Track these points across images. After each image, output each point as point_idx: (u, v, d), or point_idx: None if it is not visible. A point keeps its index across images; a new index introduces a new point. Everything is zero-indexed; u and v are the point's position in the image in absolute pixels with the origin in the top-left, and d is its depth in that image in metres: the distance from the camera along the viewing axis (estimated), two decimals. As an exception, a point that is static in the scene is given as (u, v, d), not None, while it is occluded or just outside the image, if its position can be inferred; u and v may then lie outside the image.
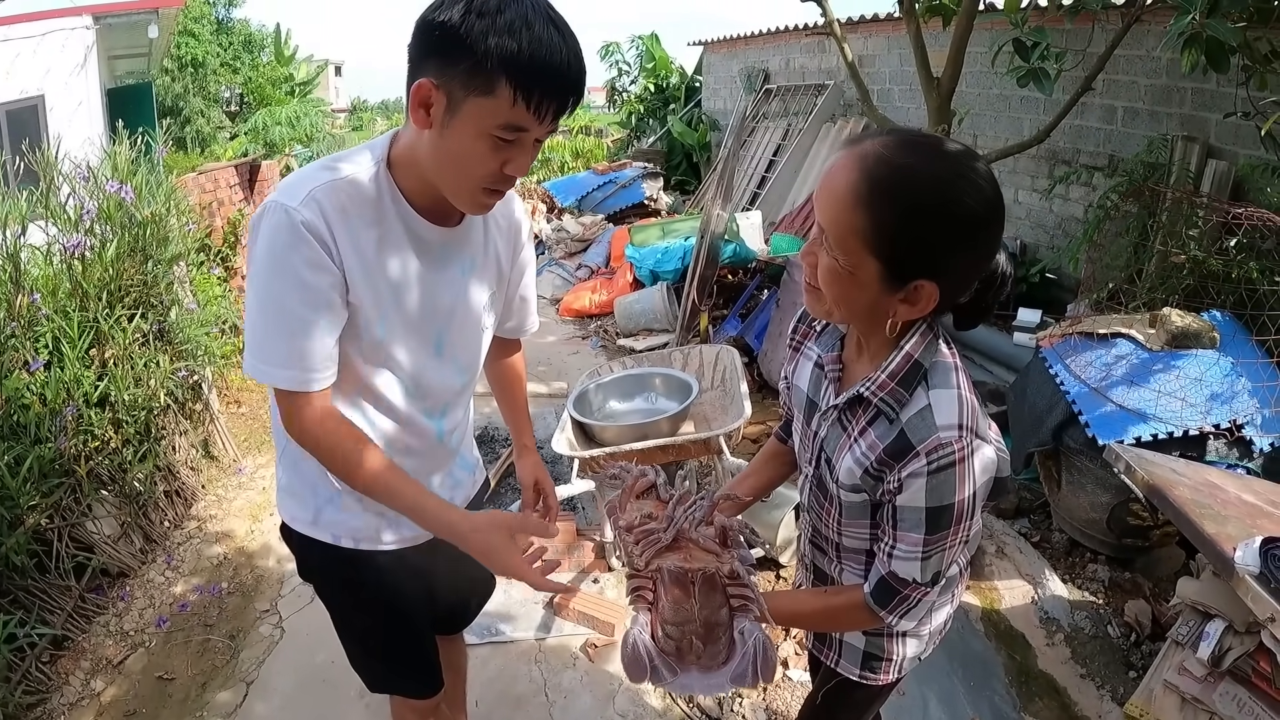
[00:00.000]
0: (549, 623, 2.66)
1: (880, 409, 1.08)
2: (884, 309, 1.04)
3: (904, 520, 1.07)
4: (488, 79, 1.01)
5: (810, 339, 1.30)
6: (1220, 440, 2.62)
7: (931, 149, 0.99)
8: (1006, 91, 5.34)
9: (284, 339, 1.13)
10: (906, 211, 0.95)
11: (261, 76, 13.18)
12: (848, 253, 0.99)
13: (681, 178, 10.59)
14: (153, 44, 7.23)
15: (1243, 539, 1.90)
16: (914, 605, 1.13)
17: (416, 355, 1.28)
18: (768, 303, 5.14)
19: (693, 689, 1.06)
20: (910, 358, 1.06)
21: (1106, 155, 4.58)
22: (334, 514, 1.38)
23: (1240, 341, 2.79)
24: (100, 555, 2.66)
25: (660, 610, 1.05)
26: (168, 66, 11.40)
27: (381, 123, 26.85)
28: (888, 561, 1.12)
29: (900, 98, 6.69)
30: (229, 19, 13.86)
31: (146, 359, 2.96)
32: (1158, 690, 2.16)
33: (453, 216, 1.27)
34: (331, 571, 1.46)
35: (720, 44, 10.69)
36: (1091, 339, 3.04)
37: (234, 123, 12.65)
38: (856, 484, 1.12)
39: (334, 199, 1.14)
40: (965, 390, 1.07)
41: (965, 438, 1.02)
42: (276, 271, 1.12)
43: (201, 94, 11.91)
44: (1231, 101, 2.96)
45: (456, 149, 1.08)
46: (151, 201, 3.08)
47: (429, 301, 1.26)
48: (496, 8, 1.00)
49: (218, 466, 3.63)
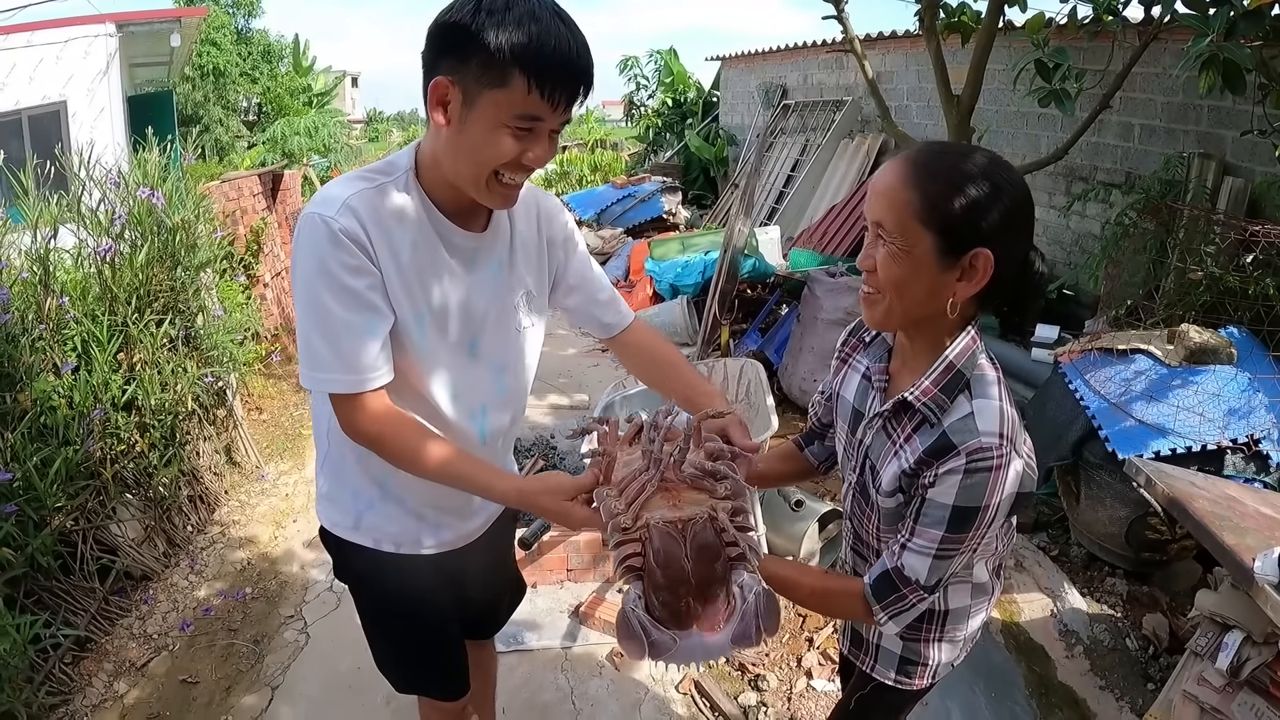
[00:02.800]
0: (575, 631, 2.68)
1: (924, 414, 1.12)
2: (943, 290, 1.09)
3: (928, 515, 1.10)
4: (501, 71, 1.05)
5: (858, 351, 1.35)
6: (1238, 455, 2.63)
7: (966, 148, 1.12)
8: (1024, 109, 5.37)
9: (331, 344, 1.17)
10: (952, 182, 1.04)
11: (280, 87, 13.32)
12: (905, 232, 1.06)
13: (699, 192, 10.65)
14: (174, 53, 7.33)
15: (1262, 550, 1.91)
16: (906, 609, 1.17)
17: (452, 357, 1.31)
18: (788, 317, 5.16)
19: (695, 656, 1.01)
20: (953, 367, 1.12)
21: (1124, 172, 4.60)
22: (375, 519, 1.40)
23: (1257, 357, 2.80)
24: (124, 558, 2.70)
25: (652, 576, 0.99)
26: (188, 75, 11.55)
27: (397, 134, 27.06)
28: (899, 553, 1.15)
29: (918, 114, 6.74)
30: (249, 29, 14.03)
31: (174, 365, 3.01)
32: (1177, 700, 2.16)
33: (480, 220, 1.31)
34: (369, 575, 1.48)
35: (738, 59, 10.77)
36: (1111, 355, 3.05)
37: (252, 132, 12.79)
38: (896, 487, 1.16)
39: (368, 207, 1.18)
40: (1006, 403, 1.11)
41: (1004, 446, 1.07)
42: (318, 280, 1.15)
43: (221, 103, 12.05)
44: (1247, 119, 2.99)
45: (475, 142, 1.12)
46: (181, 208, 3.13)
47: (462, 304, 1.29)
48: (505, 5, 1.05)
49: (240, 472, 3.67)
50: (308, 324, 1.18)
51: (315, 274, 1.15)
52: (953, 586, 1.31)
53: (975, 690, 2.44)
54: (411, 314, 1.24)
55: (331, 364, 1.17)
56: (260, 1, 13.86)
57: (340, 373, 1.18)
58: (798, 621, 2.83)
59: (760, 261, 5.41)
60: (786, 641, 2.73)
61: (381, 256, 1.19)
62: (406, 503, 1.40)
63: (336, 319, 1.16)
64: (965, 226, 1.05)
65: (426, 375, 1.29)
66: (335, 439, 1.39)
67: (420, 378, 1.29)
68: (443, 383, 1.31)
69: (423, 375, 1.29)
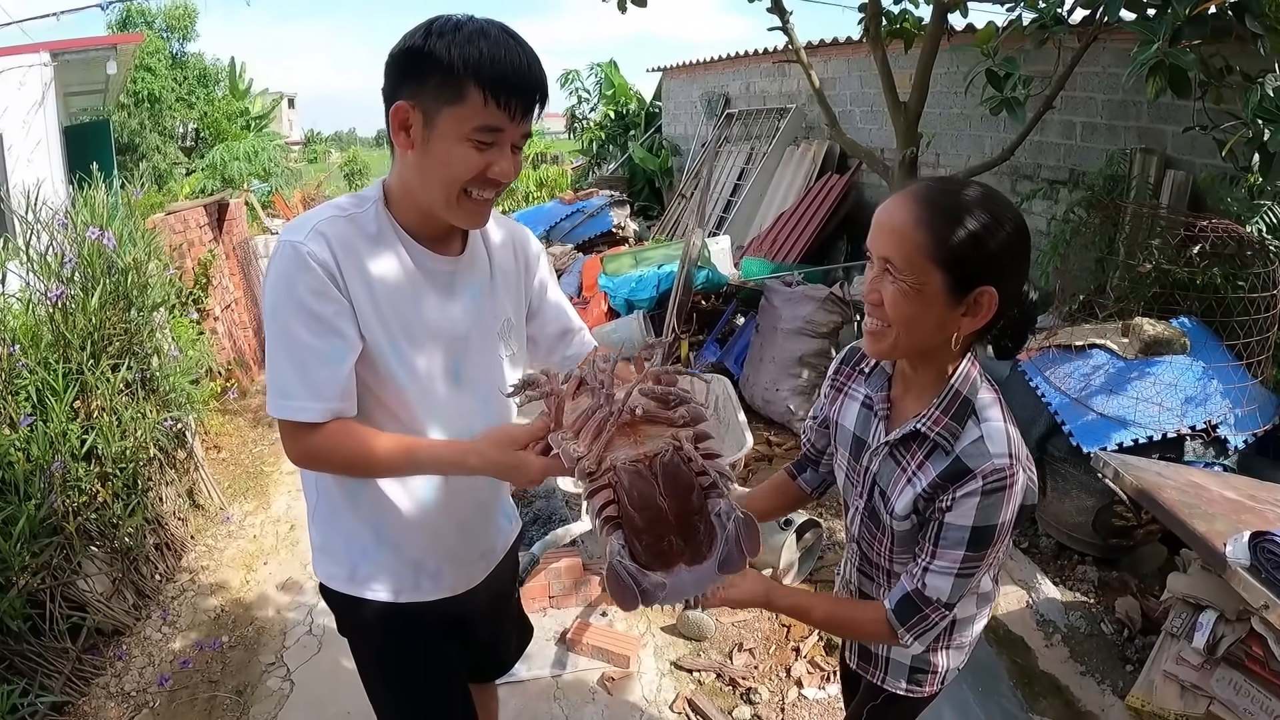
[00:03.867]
0: (563, 659, 2.66)
1: (937, 442, 1.16)
2: (949, 325, 1.12)
3: (947, 537, 1.15)
4: (457, 86, 1.09)
5: (853, 380, 1.38)
6: (1197, 441, 2.75)
7: (965, 183, 1.14)
8: (967, 111, 5.51)
9: (299, 371, 1.16)
10: (962, 222, 1.07)
11: (217, 111, 12.99)
12: (915, 270, 1.08)
13: (644, 203, 10.68)
14: (110, 80, 7.10)
15: (1231, 535, 2.00)
16: (931, 627, 1.20)
17: (435, 384, 1.29)
18: (745, 328, 5.20)
19: (685, 592, 0.98)
20: (959, 394, 1.16)
21: (1068, 169, 4.77)
22: (371, 568, 1.37)
23: (1211, 346, 2.93)
24: (94, 614, 2.59)
25: (630, 522, 0.96)
26: (123, 102, 11.21)
27: (336, 154, 26.61)
28: (920, 576, 1.19)
29: (861, 119, 6.86)
30: (183, 53, 13.66)
31: (133, 410, 2.90)
32: (1158, 680, 2.25)
33: (455, 244, 1.31)
34: (370, 627, 1.43)
35: (679, 69, 10.83)
36: (1069, 351, 3.15)
37: (189, 158, 12.45)
38: (910, 511, 1.20)
39: (338, 234, 1.18)
40: (1010, 424, 1.17)
41: (1014, 466, 1.12)
42: (285, 304, 1.15)
43: (157, 130, 11.70)
44: (1186, 113, 3.13)
45: (439, 159, 1.14)
46: (131, 247, 3.03)
47: (442, 330, 1.28)
48: (454, 25, 1.11)
49: (204, 515, 3.56)
50: (276, 351, 1.17)
51: (284, 299, 1.15)
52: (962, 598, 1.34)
53: (963, 687, 2.49)
54: (387, 342, 1.22)
55: (298, 391, 1.16)
56: (195, 24, 13.54)
57: (307, 400, 1.16)
58: (783, 632, 2.86)
59: (713, 272, 5.45)
60: (774, 652, 2.75)
61: (352, 283, 1.18)
62: (402, 549, 1.37)
63: (304, 345, 1.15)
64: (973, 266, 1.08)
65: (412, 404, 1.27)
66: (324, 488, 1.36)
67: (406, 407, 1.27)
68: (429, 412, 1.29)
69: (408, 404, 1.27)
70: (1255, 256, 2.92)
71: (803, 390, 4.51)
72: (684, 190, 9.10)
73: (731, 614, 2.92)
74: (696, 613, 2.81)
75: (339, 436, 1.19)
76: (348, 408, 1.20)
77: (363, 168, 20.14)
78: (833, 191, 6.67)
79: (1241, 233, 2.89)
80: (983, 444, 1.12)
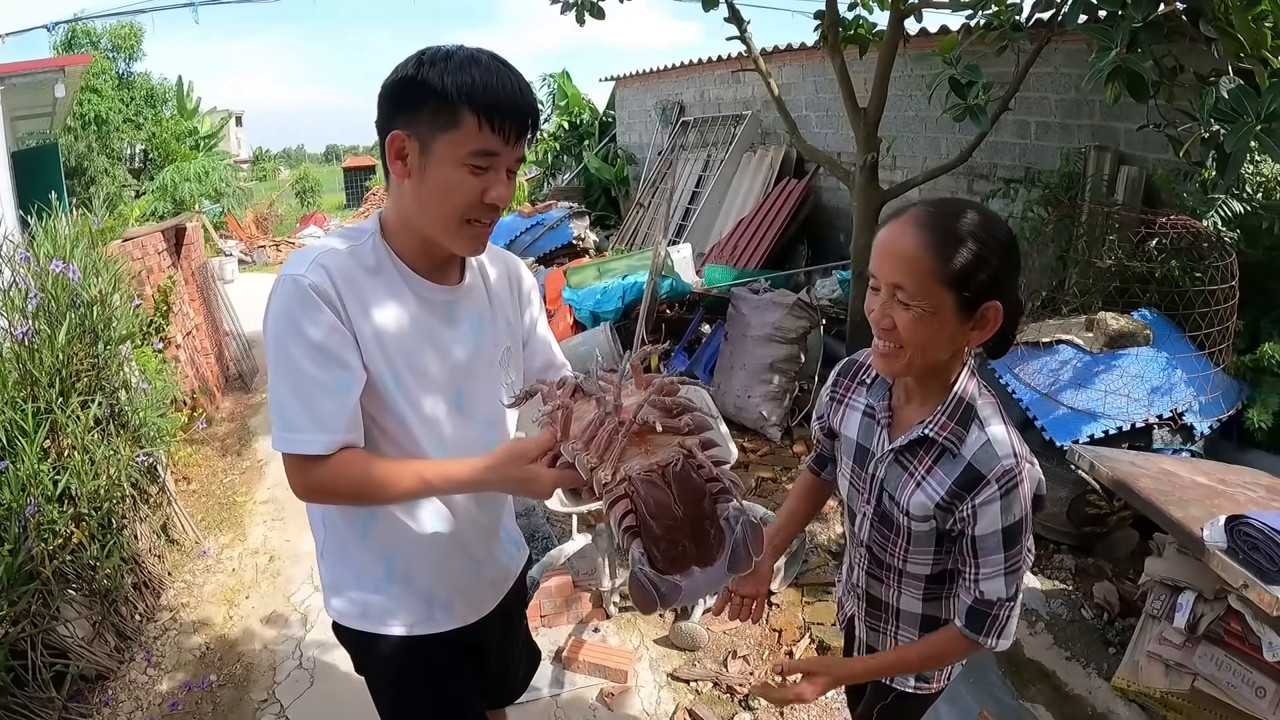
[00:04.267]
0: (561, 677, 2.65)
1: (945, 446, 1.22)
2: (959, 341, 1.20)
3: (984, 548, 1.21)
4: (452, 113, 1.11)
5: (852, 391, 1.44)
6: (1164, 429, 2.85)
7: (960, 203, 1.21)
8: (922, 114, 5.63)
9: (304, 404, 1.15)
10: (968, 247, 1.14)
11: (166, 131, 12.64)
12: (928, 295, 1.14)
13: (601, 213, 10.68)
14: (58, 103, 6.89)
15: (1206, 519, 2.09)
16: (1005, 622, 1.25)
17: (439, 414, 1.29)
18: (713, 336, 5.22)
19: (699, 593, 1.04)
20: (963, 401, 1.24)
21: (1023, 168, 4.90)
22: (384, 602, 1.36)
23: (1173, 337, 3.04)
24: (76, 660, 2.51)
25: (648, 529, 1.01)
26: (70, 125, 10.87)
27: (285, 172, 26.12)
28: (974, 588, 1.24)
29: (817, 124, 6.96)
30: (130, 73, 13.28)
31: (105, 448, 2.82)
32: (1142, 661, 2.33)
33: (453, 274, 1.32)
34: (386, 663, 1.42)
35: (633, 79, 10.86)
36: (1036, 348, 3.25)
37: (139, 180, 12.11)
38: (929, 515, 1.25)
39: (339, 265, 1.19)
40: (1009, 425, 1.24)
41: (1021, 462, 1.20)
42: (288, 337, 1.15)
43: (105, 152, 11.34)
44: (1138, 111, 3.25)
45: (436, 186, 1.15)
46: (96, 280, 2.95)
47: (445, 359, 1.29)
48: (445, 54, 1.13)
49: (180, 551, 3.47)
50: (280, 384, 1.17)
51: (287, 332, 1.15)
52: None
53: (956, 679, 2.55)
54: (390, 373, 1.22)
55: (304, 424, 1.15)
56: (141, 44, 13.18)
57: (314, 433, 1.15)
58: (774, 637, 2.89)
59: (676, 280, 5.47)
60: (767, 657, 2.78)
61: (354, 314, 1.19)
62: (414, 582, 1.36)
63: (308, 377, 1.15)
64: (980, 284, 1.15)
65: (417, 434, 1.27)
66: (332, 524, 1.35)
67: (410, 437, 1.27)
68: (433, 442, 1.29)
69: (412, 434, 1.27)
70: (1212, 249, 3.04)
71: (774, 396, 4.55)
72: (642, 199, 9.12)
73: (722, 622, 2.94)
74: (689, 623, 2.83)
75: (347, 467, 1.19)
76: (355, 439, 1.20)
77: (314, 185, 19.81)
78: (791, 196, 6.75)
79: (1198, 227, 3.01)
80: (990, 447, 1.19)
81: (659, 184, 8.95)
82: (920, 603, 1.39)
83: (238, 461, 4.64)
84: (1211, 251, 3.02)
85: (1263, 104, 1.97)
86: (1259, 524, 1.86)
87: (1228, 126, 2.07)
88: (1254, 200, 3.07)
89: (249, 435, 5.03)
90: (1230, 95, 2.08)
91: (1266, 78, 2.12)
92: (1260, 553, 1.85)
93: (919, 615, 1.41)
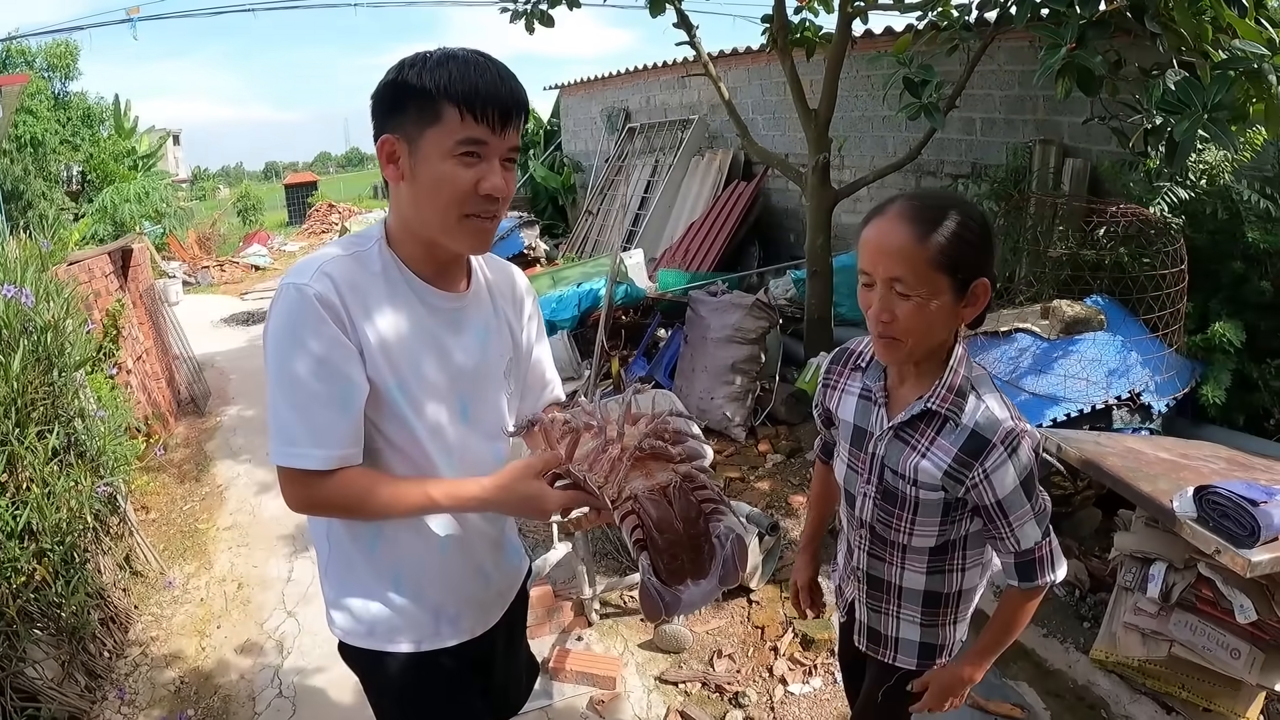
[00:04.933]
0: (549, 688, 2.63)
1: (947, 417, 1.31)
2: (955, 320, 1.28)
3: (1010, 505, 1.29)
4: (434, 108, 1.12)
5: (846, 376, 1.50)
6: (1124, 409, 2.96)
7: (938, 194, 1.33)
8: (869, 114, 5.76)
9: (303, 416, 1.14)
10: (954, 231, 1.21)
11: (104, 152, 12.16)
12: (926, 283, 1.21)
13: (549, 222, 10.66)
14: (-4, 125, 6.60)
15: (1174, 491, 2.18)
16: (1052, 557, 1.34)
17: (444, 423, 1.28)
18: (672, 340, 5.24)
19: (695, 604, 1.12)
20: (959, 373, 1.32)
21: (969, 164, 5.04)
22: (390, 618, 1.34)
23: (1127, 321, 3.16)
24: (47, 703, 2.40)
25: (654, 543, 1.09)
26: (4, 147, 10.41)
27: (225, 190, 25.46)
28: (1014, 543, 1.32)
29: (765, 126, 7.05)
30: (66, 93, 12.78)
31: (64, 480, 2.72)
32: (1119, 632, 2.41)
33: (458, 281, 1.31)
34: (395, 681, 1.39)
35: (577, 86, 10.87)
36: (995, 337, 3.34)
37: (77, 203, 11.64)
38: (936, 484, 1.32)
39: (344, 273, 1.18)
40: (1000, 393, 1.33)
41: (1019, 421, 1.29)
42: (289, 348, 1.14)
43: (42, 174, 10.88)
44: (1082, 105, 3.38)
45: (429, 181, 1.15)
46: (49, 304, 2.84)
47: (450, 367, 1.28)
48: (424, 57, 1.15)
49: (145, 583, 3.35)
50: (279, 396, 1.16)
51: (287, 342, 1.14)
52: (968, 569, 1.45)
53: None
54: (396, 383, 1.21)
55: (302, 438, 1.14)
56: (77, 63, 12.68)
57: (311, 447, 1.14)
58: (758, 633, 2.91)
59: (631, 286, 5.49)
60: (753, 654, 2.80)
61: (359, 323, 1.17)
62: (423, 596, 1.34)
63: (308, 391, 1.14)
64: (969, 263, 1.23)
65: (423, 444, 1.26)
66: (336, 540, 1.33)
67: (417, 446, 1.26)
68: (440, 451, 1.28)
69: (419, 444, 1.26)
70: (1159, 235, 3.18)
71: (737, 396, 4.58)
72: (590, 207, 9.12)
73: (705, 622, 2.96)
74: (673, 625, 2.84)
75: (350, 485, 1.18)
76: (355, 454, 1.18)
77: (255, 203, 19.34)
78: (741, 198, 6.82)
79: (1146, 214, 3.14)
80: (990, 413, 1.28)
81: (607, 191, 8.98)
82: (924, 577, 1.44)
83: (196, 488, 4.50)
84: (1159, 237, 3.16)
85: (1208, 95, 2.08)
86: (1226, 492, 1.95)
87: (1175, 117, 2.17)
88: (1198, 186, 3.22)
89: (206, 460, 4.89)
90: (1176, 87, 2.19)
91: (1208, 70, 2.24)
92: (1230, 519, 1.94)
93: (921, 592, 1.45)
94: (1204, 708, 2.25)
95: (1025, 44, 4.34)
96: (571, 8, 4.70)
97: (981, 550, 1.44)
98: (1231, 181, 3.22)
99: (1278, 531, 1.91)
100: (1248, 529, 1.91)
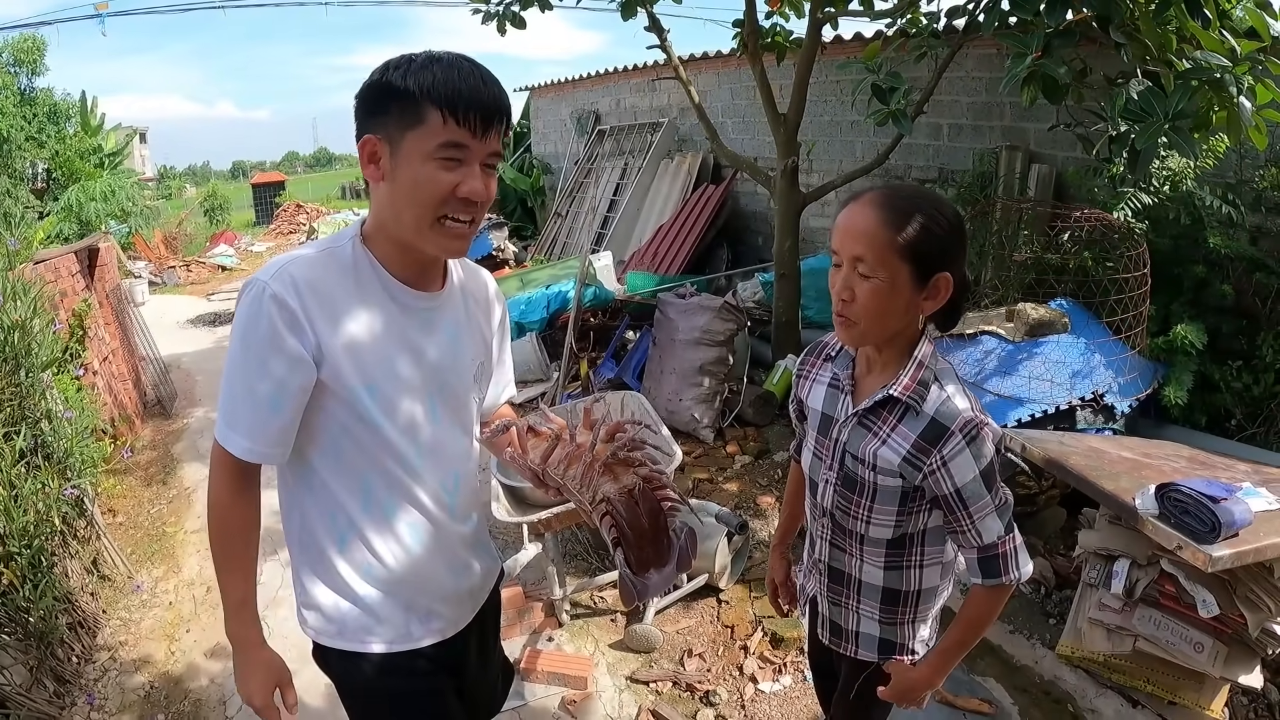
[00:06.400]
0: (520, 689, 2.63)
1: (909, 404, 1.33)
2: (914, 310, 1.31)
3: (969, 495, 1.30)
4: (416, 110, 1.13)
5: (817, 367, 1.54)
6: (1088, 410, 3.03)
7: (911, 187, 1.35)
8: (837, 118, 5.82)
9: (237, 405, 1.21)
10: (921, 222, 1.26)
11: (70, 149, 11.84)
12: (886, 266, 1.26)
13: (517, 224, 10.63)
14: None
15: (1136, 489, 2.24)
16: (1015, 554, 1.36)
17: (416, 419, 1.29)
18: (641, 342, 5.24)
19: (660, 588, 1.22)
20: (923, 365, 1.34)
21: (937, 169, 5.12)
22: (360, 617, 1.34)
23: (1091, 324, 3.24)
24: (16, 709, 2.36)
25: (626, 539, 1.19)
26: (-32, 146, 10.15)
27: (191, 190, 25.00)
28: (975, 537, 1.34)
29: (734, 130, 7.09)
30: (32, 89, 12.42)
31: (31, 482, 2.67)
32: (1084, 628, 2.47)
33: (433, 281, 1.32)
34: (369, 684, 1.38)
35: (546, 88, 10.85)
36: (961, 339, 3.40)
37: (42, 201, 11.33)
38: (894, 470, 1.35)
39: (308, 273, 1.20)
40: (965, 386, 1.36)
41: (980, 414, 1.32)
42: (238, 341, 1.19)
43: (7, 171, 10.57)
44: (1047, 112, 3.45)
45: (408, 182, 1.16)
46: (15, 304, 2.79)
47: (424, 365, 1.29)
48: (409, 60, 1.16)
49: (113, 587, 3.30)
50: (230, 381, 1.22)
51: (238, 335, 1.19)
52: (927, 568, 1.46)
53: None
54: (362, 384, 1.22)
55: (240, 425, 1.21)
56: (44, 58, 12.31)
57: (243, 438, 1.21)
58: (727, 633, 2.93)
59: (600, 289, 5.50)
60: (723, 653, 2.82)
61: (319, 326, 1.19)
62: (393, 593, 1.35)
63: (246, 385, 1.20)
64: (931, 256, 1.27)
65: (395, 445, 1.27)
66: (308, 539, 1.34)
67: (387, 449, 1.27)
68: (411, 447, 1.29)
69: (390, 445, 1.27)
70: (1122, 239, 3.26)
71: (705, 398, 4.59)
72: (559, 209, 9.11)
73: (675, 622, 2.98)
74: (643, 625, 2.86)
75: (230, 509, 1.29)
76: (275, 455, 1.24)
77: (222, 202, 19.01)
78: (710, 201, 6.85)
79: (1109, 219, 3.22)
80: (950, 403, 1.30)
81: (576, 193, 8.97)
82: (882, 572, 1.46)
83: (164, 490, 4.44)
84: (1122, 242, 3.24)
85: (1170, 104, 2.14)
86: (1187, 489, 2.01)
87: (1138, 126, 2.23)
88: (1161, 192, 3.31)
89: (173, 463, 4.82)
90: (1140, 96, 2.25)
91: (1172, 79, 2.31)
92: (1191, 515, 2.00)
93: (880, 588, 1.47)
94: (1169, 700, 2.31)
95: (993, 51, 4.42)
96: (544, 10, 4.71)
97: (941, 548, 1.45)
98: (1194, 187, 3.32)
99: (1238, 527, 1.97)
100: (1208, 525, 1.96)
